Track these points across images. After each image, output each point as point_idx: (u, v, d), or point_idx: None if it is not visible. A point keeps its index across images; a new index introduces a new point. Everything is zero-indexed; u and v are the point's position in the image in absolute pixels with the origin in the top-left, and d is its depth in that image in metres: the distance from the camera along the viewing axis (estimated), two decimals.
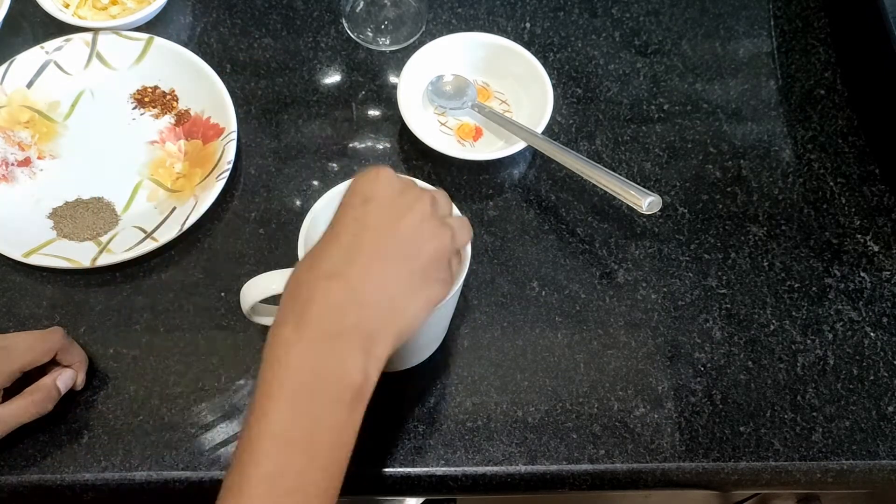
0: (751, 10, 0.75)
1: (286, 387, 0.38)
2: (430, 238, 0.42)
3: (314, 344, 0.38)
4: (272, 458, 0.37)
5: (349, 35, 0.72)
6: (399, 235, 0.41)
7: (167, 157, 0.65)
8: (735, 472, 0.55)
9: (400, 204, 0.42)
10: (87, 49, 0.68)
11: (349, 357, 0.39)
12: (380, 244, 0.40)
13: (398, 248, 0.41)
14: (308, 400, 0.38)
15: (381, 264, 0.40)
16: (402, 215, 0.41)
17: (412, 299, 0.41)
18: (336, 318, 0.39)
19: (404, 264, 0.41)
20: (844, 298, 0.61)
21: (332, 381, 0.38)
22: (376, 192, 0.42)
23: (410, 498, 0.65)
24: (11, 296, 0.59)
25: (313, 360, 0.38)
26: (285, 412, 0.38)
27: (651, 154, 0.67)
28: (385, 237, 0.40)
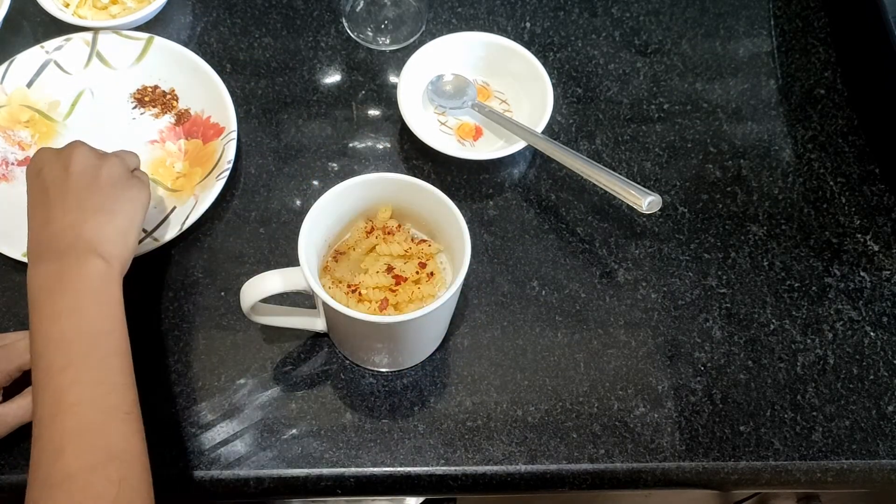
0: (751, 9, 0.75)
1: (48, 304, 0.47)
2: (96, 171, 0.52)
3: (52, 262, 0.48)
4: (68, 363, 0.45)
5: (349, 35, 0.72)
6: (73, 178, 0.51)
7: (167, 156, 0.65)
8: (735, 472, 0.55)
9: (61, 158, 0.53)
10: (88, 48, 0.68)
11: (86, 257, 0.48)
12: (64, 191, 0.51)
13: (79, 186, 0.51)
14: (74, 304, 0.47)
15: (72, 202, 0.50)
16: (66, 167, 0.52)
17: (116, 207, 0.51)
18: (58, 240, 0.49)
19: (91, 197, 0.51)
20: (844, 298, 0.61)
21: (80, 279, 0.48)
22: (41, 164, 0.53)
23: (410, 497, 0.65)
24: (11, 295, 0.59)
25: (57, 273, 0.48)
26: (60, 321, 0.46)
27: (651, 153, 0.67)
28: (63, 185, 0.51)
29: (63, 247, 0.49)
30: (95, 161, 0.53)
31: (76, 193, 0.51)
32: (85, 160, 0.52)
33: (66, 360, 0.45)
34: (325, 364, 0.57)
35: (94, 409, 0.44)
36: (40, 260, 0.49)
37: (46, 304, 0.47)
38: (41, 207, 0.51)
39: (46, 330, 0.46)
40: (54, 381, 0.45)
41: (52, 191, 0.51)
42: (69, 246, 0.49)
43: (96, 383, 0.45)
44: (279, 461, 0.54)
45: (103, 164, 0.53)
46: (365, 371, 0.57)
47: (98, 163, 0.53)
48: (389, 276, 0.53)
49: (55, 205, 0.50)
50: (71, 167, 0.52)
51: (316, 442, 0.54)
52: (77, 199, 0.50)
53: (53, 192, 0.51)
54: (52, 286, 0.47)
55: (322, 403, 0.56)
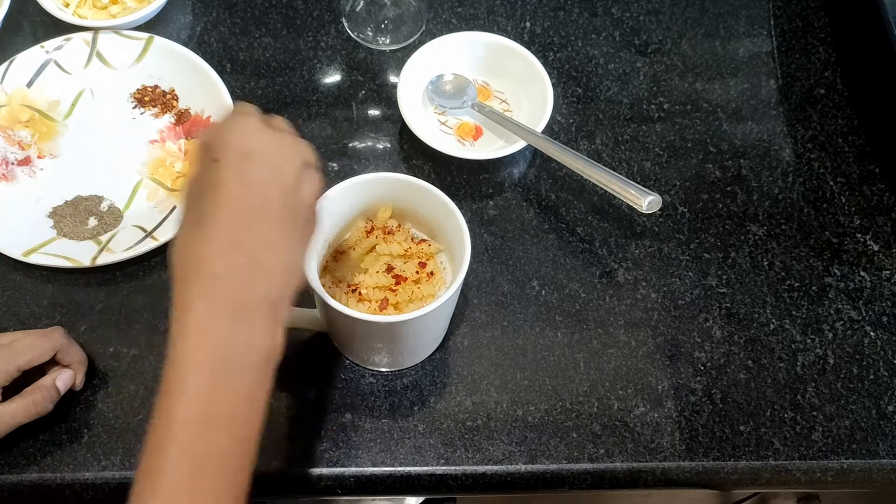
0: (751, 9, 0.75)
1: (202, 363, 0.38)
2: (307, 190, 0.42)
3: (226, 319, 0.38)
4: (189, 436, 0.37)
5: (349, 34, 0.72)
6: (284, 194, 0.40)
7: (167, 156, 0.65)
8: (735, 472, 0.55)
9: (279, 158, 0.41)
10: (88, 48, 0.68)
11: (260, 326, 0.39)
12: (269, 206, 0.40)
13: (285, 208, 0.41)
14: (224, 374, 0.38)
15: (274, 228, 0.40)
16: (283, 171, 0.41)
17: (301, 255, 0.42)
18: (244, 291, 0.39)
19: (292, 223, 0.41)
20: (844, 297, 0.61)
21: (246, 352, 0.39)
22: (253, 146, 0.40)
23: (410, 497, 0.65)
24: (11, 295, 0.59)
25: (226, 334, 0.38)
26: (203, 388, 0.38)
27: (651, 153, 0.67)
28: (272, 198, 0.40)
29: (247, 301, 0.39)
30: (314, 178, 0.43)
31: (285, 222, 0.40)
32: (316, 186, 0.42)
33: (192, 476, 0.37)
34: (324, 363, 0.57)
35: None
36: (214, 299, 0.38)
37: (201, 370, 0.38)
38: (235, 215, 0.39)
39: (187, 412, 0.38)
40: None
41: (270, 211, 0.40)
42: (255, 303, 0.39)
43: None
44: (279, 460, 0.54)
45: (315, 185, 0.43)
46: (365, 371, 0.57)
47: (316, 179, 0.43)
48: (389, 276, 0.53)
49: (265, 230, 0.40)
50: (303, 195, 0.41)
51: (316, 441, 0.54)
52: (289, 233, 0.40)
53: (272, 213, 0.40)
54: (218, 353, 0.38)
55: (322, 403, 0.56)
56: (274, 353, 0.40)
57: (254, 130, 0.41)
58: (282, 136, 0.42)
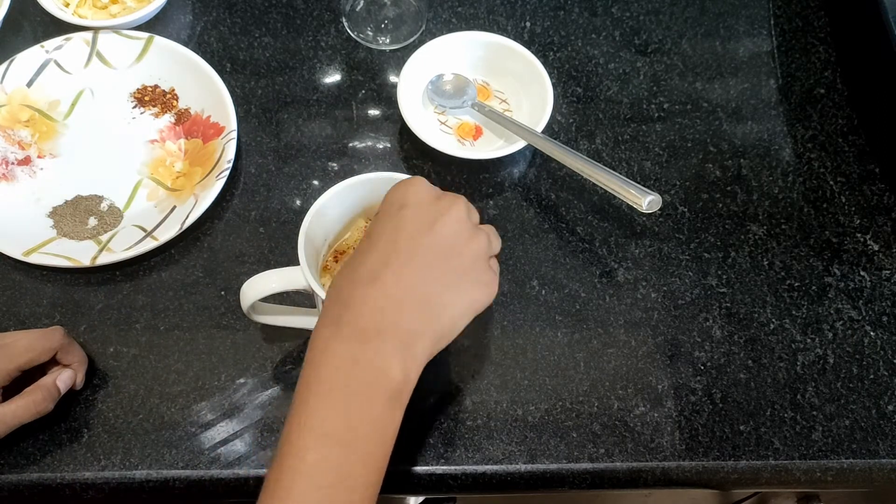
0: (751, 9, 0.75)
1: (325, 383, 0.39)
2: (466, 240, 0.42)
3: (352, 342, 0.39)
4: (311, 451, 0.38)
5: (349, 34, 0.72)
6: (435, 237, 0.41)
7: (167, 156, 0.65)
8: (735, 471, 0.55)
9: (435, 208, 0.43)
10: (87, 48, 0.68)
11: (386, 355, 0.39)
12: (415, 246, 0.41)
13: (434, 250, 0.41)
14: (346, 395, 0.39)
15: (416, 266, 0.41)
16: (437, 219, 0.42)
17: (451, 299, 0.41)
18: (373, 318, 0.39)
19: (441, 265, 0.41)
20: (844, 297, 0.61)
21: (370, 377, 0.39)
22: (410, 198, 0.43)
23: (410, 497, 0.65)
24: (11, 294, 0.59)
25: (351, 356, 0.39)
26: (324, 407, 0.38)
27: (651, 153, 0.67)
28: (420, 239, 0.41)
29: (375, 328, 0.40)
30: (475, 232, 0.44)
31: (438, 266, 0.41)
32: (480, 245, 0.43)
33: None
34: None
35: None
36: (341, 324, 0.40)
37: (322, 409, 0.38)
38: (380, 254, 0.41)
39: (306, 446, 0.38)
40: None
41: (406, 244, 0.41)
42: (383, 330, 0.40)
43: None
44: None
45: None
46: None
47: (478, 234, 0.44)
48: None
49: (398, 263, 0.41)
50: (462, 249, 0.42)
51: None
52: (433, 273, 0.41)
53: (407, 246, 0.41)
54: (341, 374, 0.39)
55: None
56: (401, 386, 0.40)
57: (416, 186, 0.44)
58: (442, 192, 0.45)
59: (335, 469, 0.38)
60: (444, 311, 0.41)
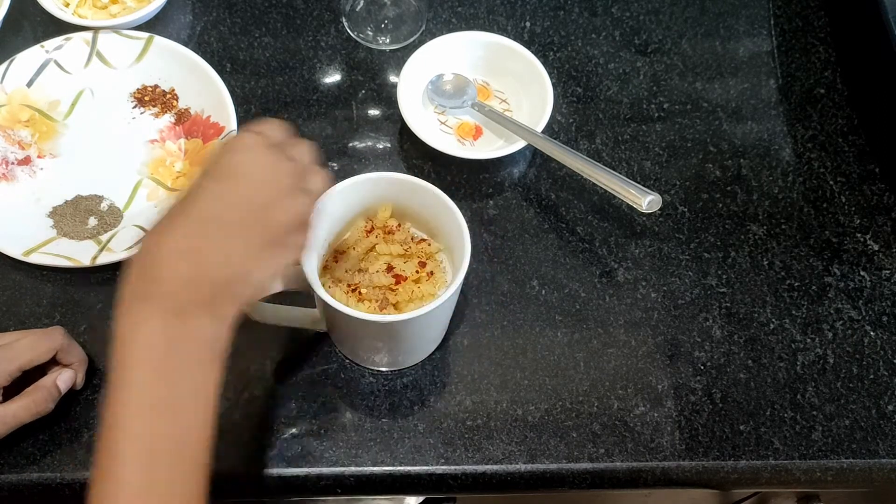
0: (751, 8, 0.75)
1: (144, 360, 0.39)
2: (285, 210, 0.43)
3: (164, 317, 0.39)
4: (139, 424, 0.38)
5: (349, 34, 0.72)
6: (253, 208, 0.41)
7: (167, 155, 0.65)
8: (735, 471, 0.55)
9: (261, 178, 0.42)
10: (88, 48, 0.68)
11: (199, 323, 0.40)
12: (232, 217, 0.41)
13: (251, 221, 0.41)
14: (167, 369, 0.39)
15: (230, 238, 0.41)
16: (261, 189, 0.42)
17: (259, 267, 0.42)
18: (184, 292, 0.40)
19: (255, 236, 0.42)
20: (844, 297, 0.61)
21: (187, 349, 0.40)
22: (240, 165, 0.42)
23: (410, 496, 0.65)
24: (11, 294, 0.59)
25: (164, 330, 0.39)
26: (144, 381, 0.39)
27: (651, 153, 0.67)
28: (238, 211, 0.41)
29: (187, 302, 0.40)
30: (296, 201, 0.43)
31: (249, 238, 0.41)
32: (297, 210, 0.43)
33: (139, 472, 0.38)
34: (324, 363, 0.57)
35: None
36: (154, 299, 0.40)
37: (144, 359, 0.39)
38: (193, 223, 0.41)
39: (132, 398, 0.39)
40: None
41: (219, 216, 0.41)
42: (211, 296, 0.40)
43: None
44: (279, 460, 0.54)
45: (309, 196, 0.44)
46: (365, 370, 0.57)
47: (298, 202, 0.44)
48: (389, 276, 0.53)
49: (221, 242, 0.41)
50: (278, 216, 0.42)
51: (316, 441, 0.54)
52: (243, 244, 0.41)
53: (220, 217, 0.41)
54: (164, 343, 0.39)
55: (322, 402, 0.56)
56: (216, 346, 0.41)
57: (248, 149, 0.43)
58: (278, 158, 0.43)
59: (165, 437, 0.39)
60: (250, 278, 0.42)
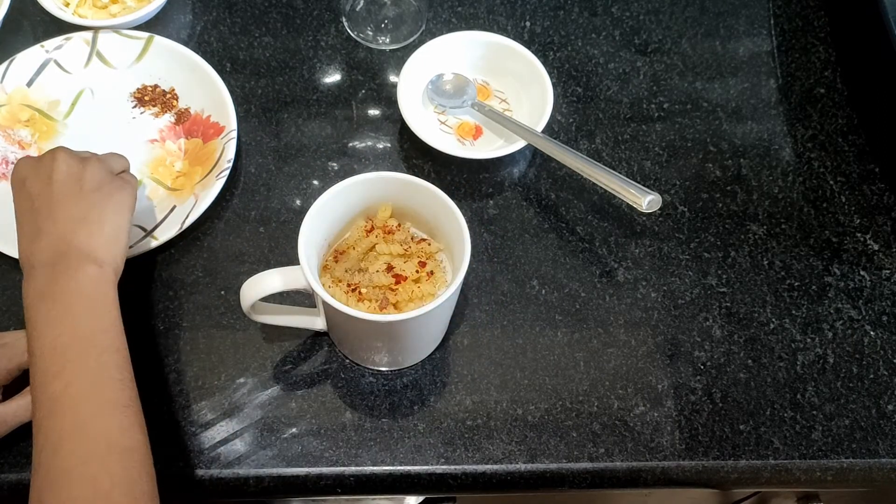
0: (751, 8, 0.75)
1: (45, 310, 0.47)
2: (79, 174, 0.52)
3: (45, 269, 0.48)
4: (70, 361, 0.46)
5: (349, 34, 0.72)
6: (55, 187, 0.51)
7: (167, 155, 0.65)
8: (735, 471, 0.55)
9: (44, 170, 0.52)
10: (88, 48, 0.68)
11: (76, 264, 0.49)
12: (48, 202, 0.51)
13: (62, 194, 0.51)
14: (63, 309, 0.47)
15: (59, 211, 0.50)
16: (50, 176, 0.52)
17: (101, 215, 0.51)
18: (48, 252, 0.49)
19: (75, 202, 0.51)
20: (844, 297, 0.61)
21: (73, 283, 0.48)
22: (22, 175, 0.53)
23: (410, 496, 0.65)
24: (11, 294, 0.59)
25: (49, 281, 0.48)
26: (55, 327, 0.46)
27: (651, 153, 0.67)
28: (47, 196, 0.51)
29: (54, 257, 0.49)
30: (77, 168, 0.53)
31: (62, 203, 0.51)
32: (67, 168, 0.52)
33: (61, 365, 0.45)
34: (324, 363, 0.57)
35: (90, 404, 0.45)
36: (33, 271, 0.49)
37: (40, 312, 0.47)
38: (29, 219, 0.51)
39: (41, 337, 0.46)
40: (50, 386, 0.45)
41: (38, 202, 0.51)
42: (60, 255, 0.49)
43: (92, 382, 0.45)
44: (279, 460, 0.54)
45: (85, 169, 0.53)
46: (365, 370, 0.57)
47: (80, 169, 0.53)
48: (389, 275, 0.53)
49: (43, 216, 0.50)
50: (53, 176, 0.52)
51: (316, 441, 0.54)
52: (64, 209, 0.51)
53: (39, 203, 0.51)
54: (44, 294, 0.48)
55: (322, 402, 0.56)
56: (99, 272, 0.49)
57: (27, 161, 0.53)
58: (52, 152, 0.53)
59: (91, 366, 0.46)
60: (100, 224, 0.51)
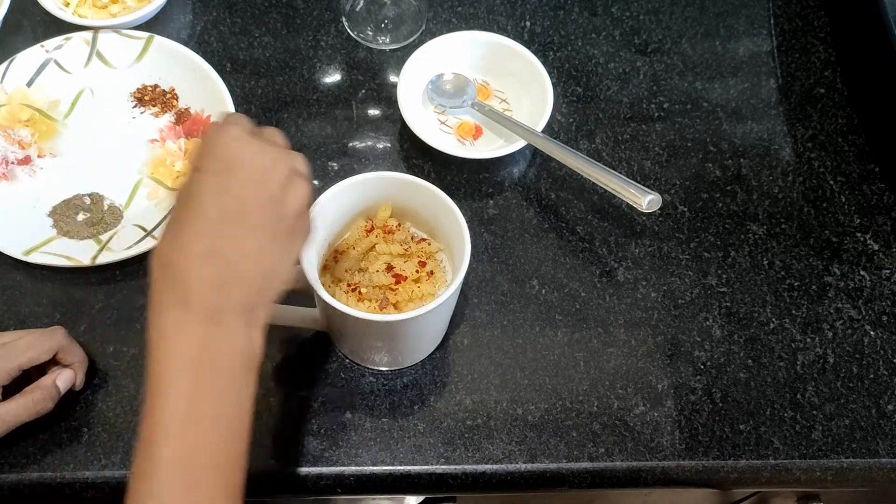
0: (751, 8, 0.75)
1: (182, 368, 0.39)
2: (293, 198, 0.42)
3: (202, 324, 0.39)
4: (180, 437, 0.38)
5: (349, 34, 0.72)
6: (265, 201, 0.41)
7: (167, 155, 0.65)
8: (735, 471, 0.55)
9: (261, 167, 0.41)
10: (88, 48, 0.68)
11: (236, 331, 0.40)
12: (247, 213, 0.40)
13: (265, 215, 0.41)
14: (204, 377, 0.39)
15: (252, 235, 0.40)
16: (266, 180, 0.41)
17: (284, 261, 0.42)
18: (218, 296, 0.39)
19: (273, 229, 0.41)
20: (844, 297, 0.61)
21: (224, 355, 0.39)
22: (235, 156, 0.41)
23: (410, 496, 0.65)
24: (12, 294, 0.59)
25: (203, 339, 0.39)
26: (185, 391, 0.38)
27: (651, 152, 0.67)
28: (251, 205, 0.40)
29: (221, 306, 0.39)
30: (300, 186, 0.42)
31: (261, 230, 0.40)
32: (302, 195, 0.42)
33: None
34: (324, 363, 0.57)
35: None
36: (188, 305, 0.39)
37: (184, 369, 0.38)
38: (212, 223, 0.40)
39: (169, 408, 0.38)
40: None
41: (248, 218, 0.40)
42: (244, 308, 0.40)
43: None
44: (279, 459, 0.54)
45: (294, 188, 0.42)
46: (365, 370, 0.57)
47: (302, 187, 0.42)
48: (389, 275, 0.53)
49: (228, 236, 0.40)
50: (287, 203, 0.41)
51: (316, 440, 0.54)
52: (267, 240, 0.40)
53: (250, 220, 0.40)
54: (202, 355, 0.39)
55: (322, 402, 0.56)
56: (252, 354, 0.41)
57: (236, 139, 0.41)
58: (266, 145, 0.42)
59: (204, 452, 0.38)
60: (278, 275, 0.42)
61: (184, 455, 0.38)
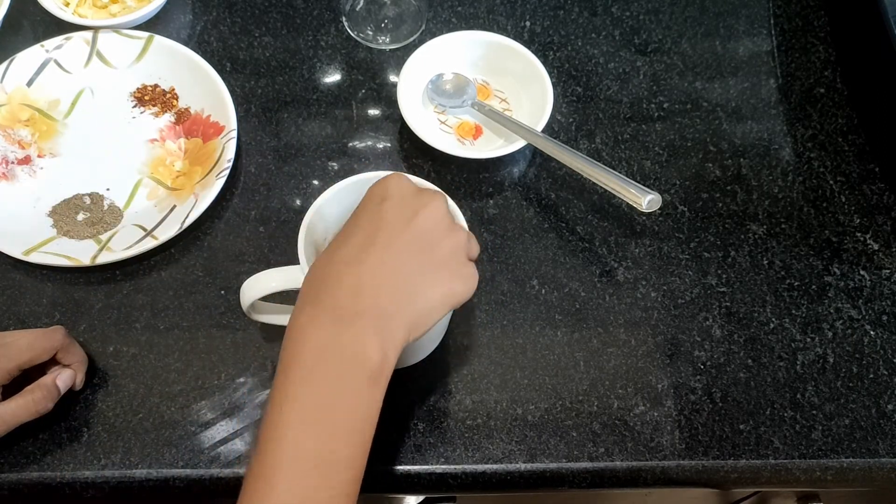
0: (751, 8, 0.75)
1: (304, 367, 0.39)
2: (445, 234, 0.43)
3: (330, 325, 0.40)
4: (294, 437, 0.38)
5: (349, 33, 0.72)
6: (414, 230, 0.42)
7: (167, 155, 0.65)
8: (735, 471, 0.55)
9: (415, 202, 0.43)
10: (88, 47, 0.68)
11: (364, 336, 0.40)
12: (394, 237, 0.42)
13: (412, 241, 0.42)
14: (326, 378, 0.39)
15: (394, 252, 0.41)
16: (417, 211, 0.43)
17: (427, 287, 0.42)
18: (350, 299, 0.40)
19: (419, 256, 0.42)
20: (844, 296, 0.61)
21: (349, 360, 0.39)
22: (391, 191, 0.44)
23: (410, 496, 0.65)
24: (11, 294, 0.59)
25: (329, 339, 0.39)
26: (305, 392, 0.39)
27: (651, 152, 0.67)
28: (400, 231, 0.42)
29: (352, 309, 0.40)
30: (454, 227, 0.44)
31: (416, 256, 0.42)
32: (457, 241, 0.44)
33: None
34: None
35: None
36: (319, 305, 0.40)
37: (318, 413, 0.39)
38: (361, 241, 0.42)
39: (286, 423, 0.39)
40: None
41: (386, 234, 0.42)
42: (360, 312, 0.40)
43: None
44: None
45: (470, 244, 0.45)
46: None
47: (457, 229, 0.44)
48: None
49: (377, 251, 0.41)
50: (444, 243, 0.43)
51: None
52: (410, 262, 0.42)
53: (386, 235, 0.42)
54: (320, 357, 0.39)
55: None
56: (380, 367, 0.40)
57: (397, 181, 0.44)
58: (422, 188, 0.45)
59: (319, 453, 0.38)
60: (419, 296, 0.42)
61: (297, 455, 0.38)
